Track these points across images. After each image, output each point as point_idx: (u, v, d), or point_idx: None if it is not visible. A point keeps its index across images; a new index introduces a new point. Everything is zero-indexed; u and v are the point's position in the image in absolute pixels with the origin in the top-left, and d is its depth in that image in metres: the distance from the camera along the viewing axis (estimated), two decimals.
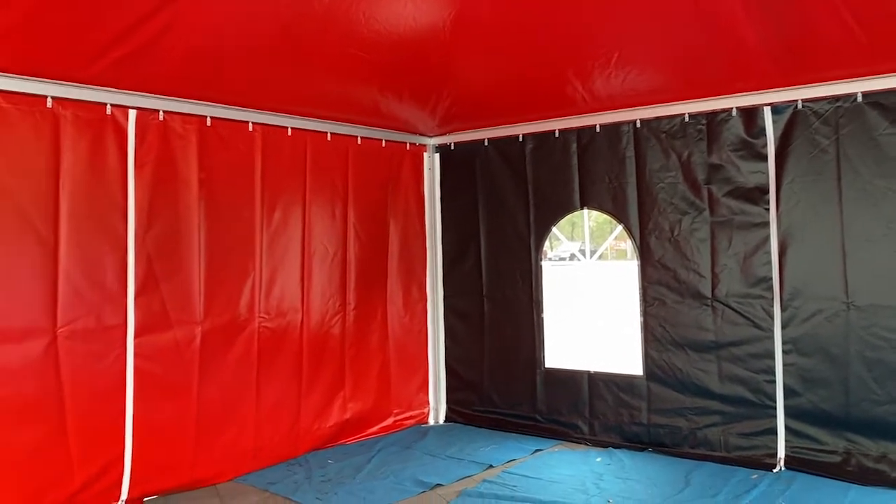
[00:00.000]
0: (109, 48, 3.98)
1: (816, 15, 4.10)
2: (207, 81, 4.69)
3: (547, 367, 6.08)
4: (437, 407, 6.63)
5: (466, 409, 6.52)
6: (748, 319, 5.13)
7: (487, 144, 6.37)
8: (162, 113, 4.73)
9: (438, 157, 6.71)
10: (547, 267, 6.23)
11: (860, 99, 4.72)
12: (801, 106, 4.93)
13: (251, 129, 5.25)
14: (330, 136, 5.81)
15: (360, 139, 6.05)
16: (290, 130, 5.50)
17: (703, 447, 5.27)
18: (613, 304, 16.85)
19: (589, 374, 5.87)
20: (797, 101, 4.94)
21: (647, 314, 5.57)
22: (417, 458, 5.47)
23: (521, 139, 6.17)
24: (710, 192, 5.28)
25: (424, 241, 6.65)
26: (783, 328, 5.01)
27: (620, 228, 5.83)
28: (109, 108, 4.47)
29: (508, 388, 6.27)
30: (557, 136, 5.98)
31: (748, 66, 4.71)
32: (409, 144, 6.53)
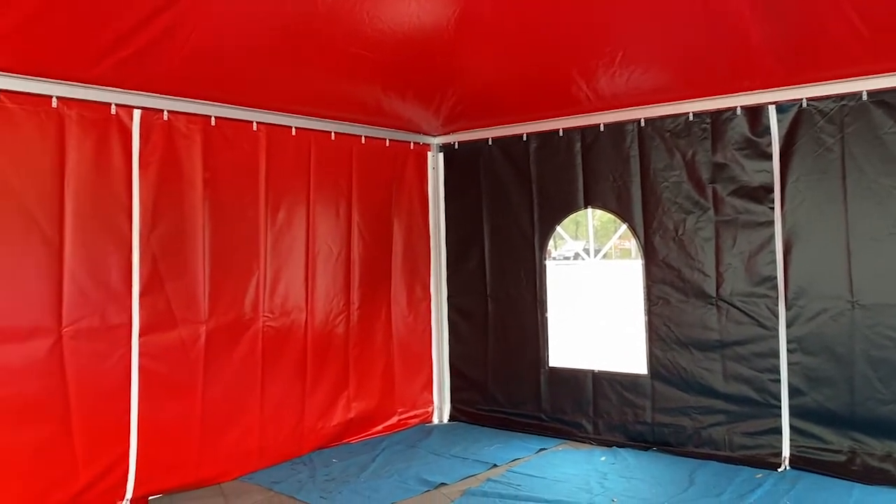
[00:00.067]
0: (114, 48, 3.99)
1: (821, 13, 4.09)
2: (212, 81, 4.69)
3: (551, 366, 6.08)
4: (441, 406, 6.63)
5: (471, 408, 6.52)
6: (753, 318, 5.12)
7: (491, 144, 6.37)
8: (166, 113, 4.74)
9: (442, 156, 6.71)
10: (551, 266, 6.23)
11: (865, 97, 4.71)
12: (805, 105, 4.92)
13: (255, 128, 5.26)
14: (334, 135, 5.81)
15: (363, 139, 6.05)
16: (294, 130, 5.51)
17: (707, 446, 5.26)
18: (618, 303, 16.84)
19: (593, 373, 5.86)
20: (802, 99, 4.93)
21: (651, 313, 5.56)
22: (422, 457, 5.47)
23: (524, 138, 6.17)
24: (714, 191, 5.27)
25: (428, 240, 6.65)
26: (788, 327, 5.00)
27: (625, 227, 5.82)
28: (114, 107, 4.48)
29: (512, 387, 6.27)
30: (561, 135, 5.97)
31: (753, 64, 4.70)
32: (412, 144, 6.54)
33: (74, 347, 4.28)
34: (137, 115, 4.59)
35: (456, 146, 6.62)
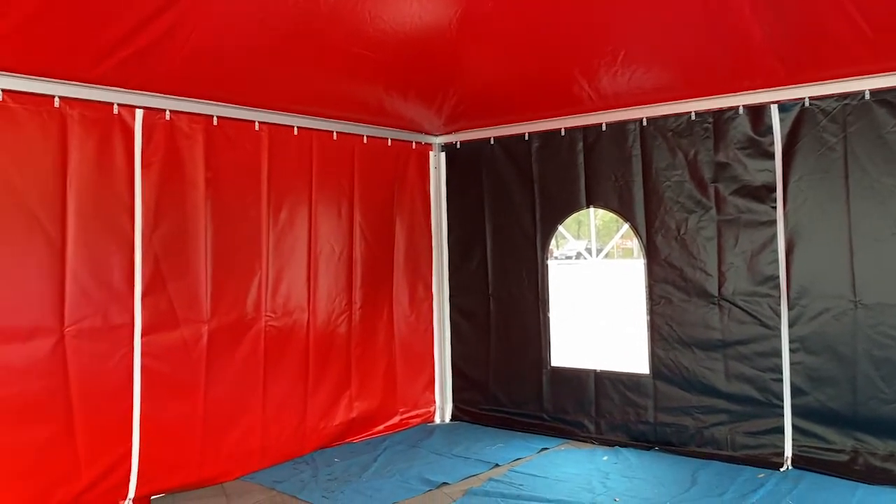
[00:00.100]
0: (116, 48, 3.99)
1: (824, 12, 4.08)
2: (214, 81, 4.70)
3: (553, 365, 6.08)
4: (443, 406, 6.63)
5: (473, 407, 6.52)
6: (755, 318, 5.11)
7: (493, 143, 6.37)
8: (168, 112, 4.74)
9: (444, 155, 6.71)
10: (553, 266, 6.23)
11: (868, 97, 4.70)
12: (808, 104, 4.91)
13: (257, 128, 5.26)
14: (336, 135, 5.81)
15: (366, 138, 6.05)
16: (296, 130, 5.51)
17: (709, 446, 5.26)
18: (619, 302, 16.84)
19: (595, 372, 5.86)
20: (804, 98, 4.92)
21: (653, 313, 5.56)
22: (423, 456, 5.47)
23: (527, 138, 6.17)
24: (716, 190, 5.27)
25: (430, 240, 6.65)
26: (790, 327, 4.99)
27: (627, 227, 5.82)
28: (116, 107, 4.49)
29: (514, 386, 6.27)
30: (563, 134, 5.97)
31: (755, 63, 4.70)
32: (414, 143, 6.54)
33: (77, 347, 4.29)
34: (140, 114, 4.60)
35: (458, 146, 6.62)
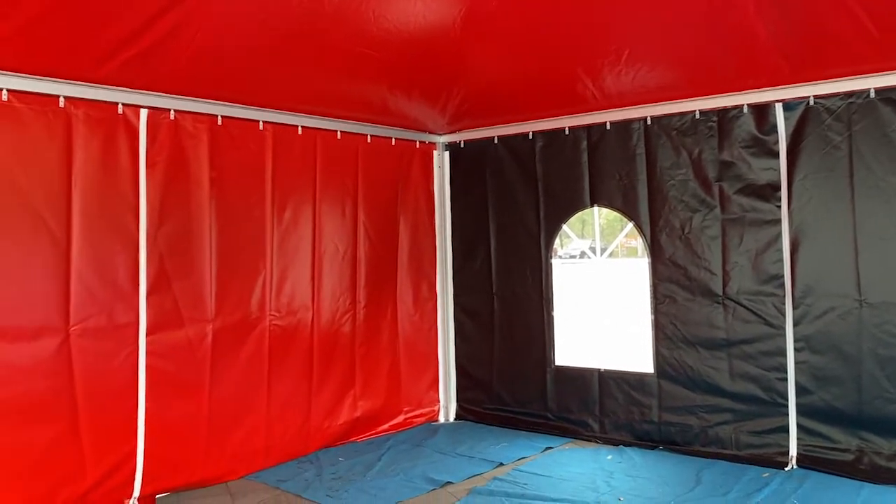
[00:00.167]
0: (121, 48, 4.00)
1: (828, 10, 4.07)
2: (218, 81, 4.71)
3: (557, 364, 6.08)
4: (447, 405, 6.63)
5: (477, 406, 6.52)
6: (760, 317, 5.11)
7: (497, 142, 6.37)
8: (173, 112, 4.75)
9: (448, 155, 6.71)
10: (557, 264, 6.22)
11: (873, 95, 4.69)
12: (812, 102, 4.90)
13: (262, 128, 5.27)
14: (340, 134, 5.82)
15: (369, 137, 6.06)
16: (300, 129, 5.51)
17: (714, 445, 5.25)
18: (624, 301, 16.82)
19: (599, 371, 5.86)
20: (809, 97, 4.91)
21: (657, 312, 5.55)
22: (428, 455, 5.48)
23: (531, 137, 6.16)
24: (721, 189, 5.26)
25: (434, 239, 6.65)
26: (795, 326, 4.98)
27: (631, 226, 5.82)
28: (121, 107, 4.50)
29: (519, 385, 6.27)
30: (567, 133, 5.96)
31: (759, 62, 4.69)
32: (418, 142, 6.54)
33: (82, 346, 4.30)
34: (144, 114, 4.61)
35: (462, 145, 6.62)
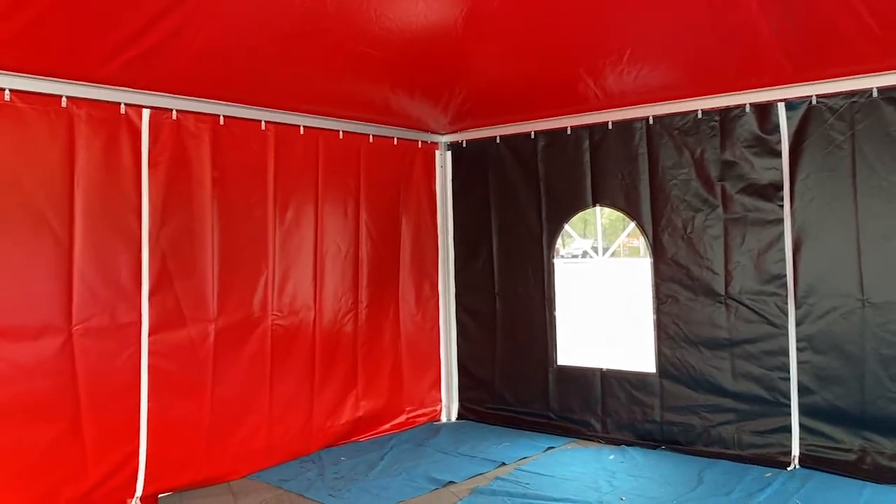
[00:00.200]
0: (123, 48, 4.00)
1: (831, 9, 4.06)
2: (220, 81, 4.71)
3: (559, 364, 6.08)
4: (449, 404, 6.63)
5: (479, 406, 6.52)
6: (762, 317, 5.10)
7: (499, 142, 6.37)
8: (175, 112, 4.76)
9: (450, 154, 6.71)
10: (559, 264, 6.22)
11: (876, 94, 4.68)
12: (815, 102, 4.90)
13: (264, 127, 5.27)
14: (342, 134, 5.82)
15: (371, 137, 6.06)
16: (302, 129, 5.51)
17: (716, 445, 5.25)
18: (626, 301, 16.81)
19: (601, 371, 5.86)
20: (811, 96, 4.90)
21: (660, 311, 5.55)
22: (430, 455, 5.48)
23: (532, 136, 6.16)
24: (723, 188, 5.25)
25: (436, 238, 6.65)
26: (797, 325, 4.97)
27: (633, 225, 5.81)
28: (123, 107, 4.50)
29: (521, 385, 6.27)
30: (569, 133, 5.96)
31: (762, 61, 4.68)
32: (420, 142, 6.54)
33: (84, 346, 4.31)
34: (146, 114, 4.61)
35: (464, 144, 6.62)
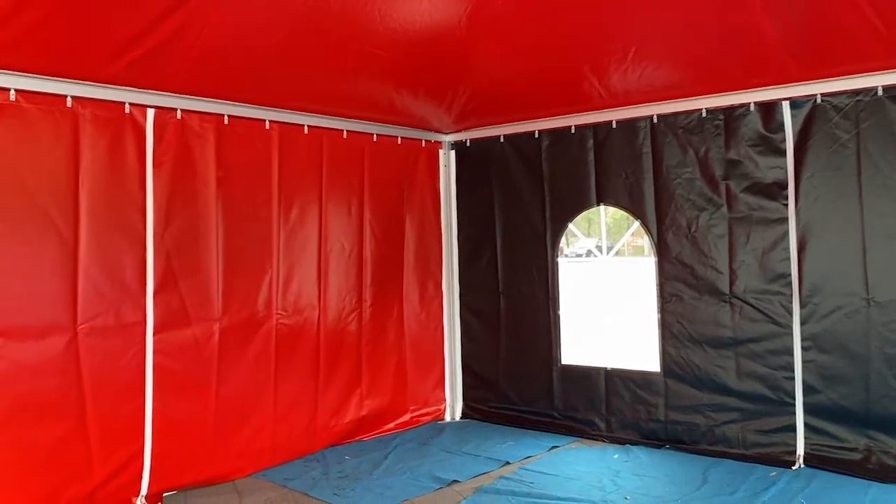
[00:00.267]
0: (128, 48, 4.01)
1: (835, 7, 4.05)
2: (224, 80, 4.71)
3: (563, 363, 6.07)
4: (453, 403, 6.64)
5: (483, 405, 6.52)
6: (766, 316, 5.09)
7: (503, 141, 6.36)
8: (180, 112, 4.76)
9: (454, 153, 6.71)
10: (563, 263, 6.22)
11: (881, 93, 4.67)
12: (820, 100, 4.88)
13: (268, 127, 5.28)
14: (346, 133, 5.82)
15: (375, 136, 6.06)
16: (306, 128, 5.52)
17: (721, 444, 5.24)
18: (630, 300, 16.79)
19: (606, 370, 5.85)
20: (816, 95, 4.89)
21: (664, 310, 5.54)
22: (434, 454, 5.48)
23: (536, 135, 6.16)
24: (727, 187, 5.24)
25: (440, 237, 6.66)
26: (802, 325, 4.97)
27: (637, 224, 5.81)
28: (128, 107, 4.51)
29: (525, 384, 6.27)
30: (573, 131, 5.95)
31: (766, 60, 4.67)
32: (424, 141, 6.54)
33: (89, 345, 4.31)
34: (151, 114, 4.62)
35: (468, 143, 6.62)
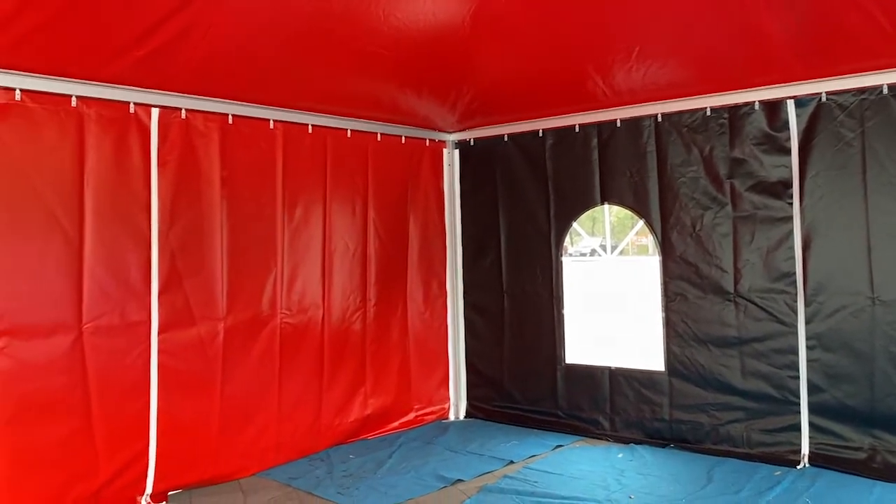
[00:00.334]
0: (132, 47, 4.01)
1: (840, 6, 4.04)
2: (228, 80, 4.72)
3: (567, 362, 6.07)
4: (457, 402, 6.64)
5: (487, 404, 6.52)
6: (771, 315, 5.08)
7: (507, 140, 6.36)
8: (184, 111, 4.77)
9: (458, 152, 6.71)
10: (567, 262, 6.21)
11: (886, 91, 4.65)
12: (825, 99, 4.87)
13: (272, 126, 5.28)
14: (350, 133, 5.83)
15: (379, 136, 6.06)
16: (310, 128, 5.52)
17: (725, 443, 5.23)
18: (634, 299, 16.76)
19: (610, 369, 5.84)
20: (821, 93, 4.88)
21: (668, 310, 5.53)
22: (438, 453, 5.49)
23: (541, 134, 6.15)
24: (732, 186, 5.23)
25: (444, 237, 6.66)
26: (807, 323, 4.95)
27: (642, 223, 5.80)
28: (133, 106, 4.52)
29: (529, 383, 6.27)
30: (578, 130, 5.95)
31: (771, 58, 4.66)
32: (428, 141, 6.54)
33: (95, 344, 4.32)
34: (156, 113, 4.63)
35: (471, 143, 6.62)
